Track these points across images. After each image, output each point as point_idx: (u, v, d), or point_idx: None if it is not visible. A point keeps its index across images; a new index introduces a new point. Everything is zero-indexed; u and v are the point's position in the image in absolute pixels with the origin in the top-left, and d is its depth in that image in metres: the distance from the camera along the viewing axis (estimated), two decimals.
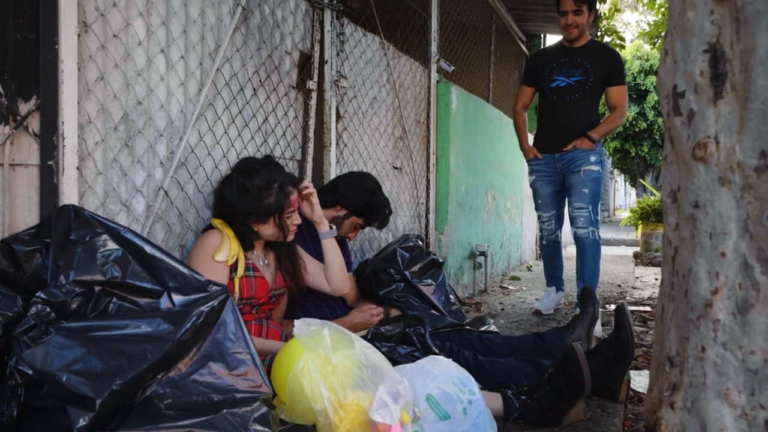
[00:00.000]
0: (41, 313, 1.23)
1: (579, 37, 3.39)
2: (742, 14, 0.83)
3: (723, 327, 0.92)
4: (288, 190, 1.93)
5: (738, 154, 0.86)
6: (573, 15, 3.32)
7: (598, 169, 3.39)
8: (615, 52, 3.48)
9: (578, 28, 3.36)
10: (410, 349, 2.04)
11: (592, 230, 3.38)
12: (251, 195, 1.87)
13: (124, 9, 1.72)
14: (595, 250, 3.41)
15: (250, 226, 1.91)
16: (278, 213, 1.91)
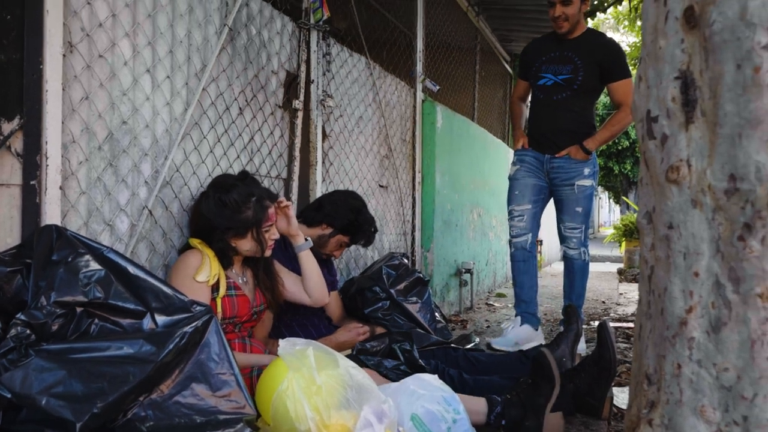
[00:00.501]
0: (21, 335, 1.22)
1: (573, 29, 3.02)
2: (709, 43, 0.87)
3: (698, 345, 0.94)
4: (265, 204, 1.94)
5: (709, 177, 0.89)
6: (561, 6, 2.95)
7: (592, 184, 3.08)
8: (611, 43, 3.06)
9: (568, 20, 2.97)
10: (396, 362, 2.05)
11: (583, 251, 3.13)
12: (229, 209, 1.88)
13: (110, 29, 1.74)
14: (585, 271, 3.19)
15: (228, 241, 1.90)
16: (256, 227, 1.91)
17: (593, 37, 3.07)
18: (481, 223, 5.21)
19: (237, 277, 1.98)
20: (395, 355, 2.09)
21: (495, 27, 5.97)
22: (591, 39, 3.05)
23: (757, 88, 0.81)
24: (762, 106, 0.81)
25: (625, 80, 3.00)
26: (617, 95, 3.03)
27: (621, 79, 3.00)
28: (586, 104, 3.09)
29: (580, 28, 3.06)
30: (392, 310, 2.73)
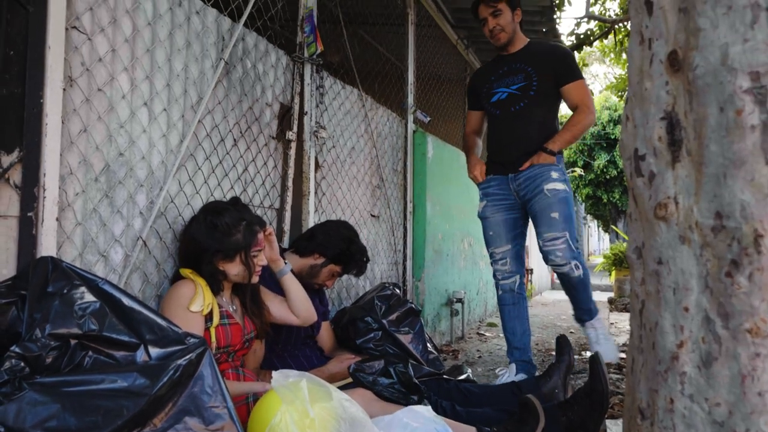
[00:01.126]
0: (15, 368, 1.21)
1: (512, 41, 2.94)
2: (693, 86, 0.91)
3: (689, 379, 0.96)
4: (255, 228, 1.97)
5: (696, 215, 0.92)
6: (493, 18, 2.89)
7: (564, 187, 2.79)
8: (559, 47, 3.01)
9: (504, 30, 2.90)
10: (391, 381, 2.05)
11: (574, 264, 2.75)
12: (219, 232, 1.90)
13: (109, 64, 1.77)
14: (584, 284, 2.85)
15: (216, 265, 1.91)
16: (245, 250, 1.93)
17: (539, 45, 3.01)
18: (472, 252, 5.23)
19: (228, 305, 1.98)
20: (390, 375, 2.09)
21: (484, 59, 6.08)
22: (537, 47, 2.98)
23: (739, 130, 0.85)
24: (745, 147, 0.85)
25: (578, 82, 2.86)
26: (572, 97, 2.87)
27: (573, 81, 2.86)
28: (546, 112, 2.90)
29: (522, 40, 2.98)
30: (384, 341, 2.72)
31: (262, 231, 2.04)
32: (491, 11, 2.89)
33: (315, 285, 2.50)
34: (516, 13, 2.95)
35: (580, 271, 2.79)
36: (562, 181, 2.80)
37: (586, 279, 2.85)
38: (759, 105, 0.83)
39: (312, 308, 2.24)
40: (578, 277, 2.79)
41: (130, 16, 1.84)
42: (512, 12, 2.92)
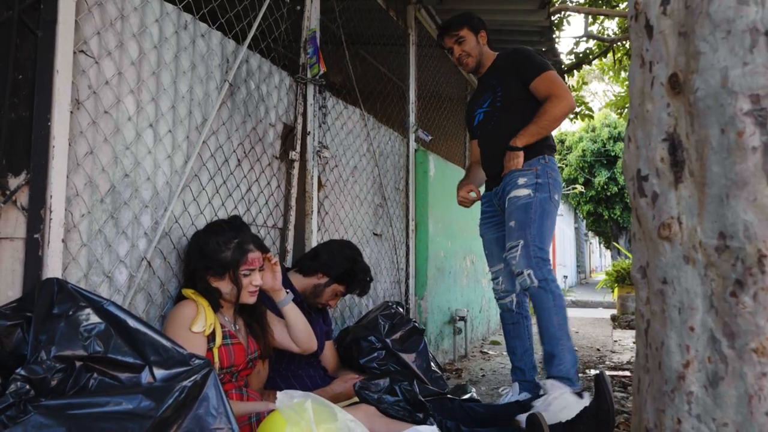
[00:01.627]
0: (20, 390, 1.21)
1: (481, 63, 2.90)
2: (694, 108, 0.92)
3: (696, 399, 0.95)
4: (247, 248, 1.97)
5: (699, 235, 0.93)
6: (458, 47, 2.86)
7: (528, 193, 2.57)
8: (518, 49, 2.84)
9: (471, 56, 2.87)
10: (397, 398, 2.05)
11: (529, 273, 2.47)
12: (209, 249, 1.93)
13: (115, 87, 1.79)
14: (543, 300, 2.46)
15: (207, 281, 1.93)
16: (233, 268, 1.94)
17: (502, 55, 2.89)
18: (474, 270, 5.23)
19: (230, 325, 1.98)
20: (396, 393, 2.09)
21: None
22: (501, 58, 2.88)
23: (741, 151, 0.86)
24: (747, 168, 0.86)
25: (542, 75, 2.67)
26: (540, 91, 2.67)
27: (537, 75, 2.68)
28: (521, 117, 2.68)
29: (490, 57, 2.92)
30: (388, 360, 2.71)
31: (263, 256, 2.05)
32: (454, 40, 2.87)
33: (318, 304, 2.50)
34: (480, 35, 2.90)
35: (539, 281, 2.46)
36: (529, 186, 2.59)
37: (544, 295, 2.45)
38: (760, 127, 0.84)
39: (313, 338, 2.24)
40: (537, 287, 2.46)
41: (137, 40, 1.87)
42: (476, 35, 2.88)
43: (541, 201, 2.58)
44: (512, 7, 4.21)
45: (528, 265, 2.49)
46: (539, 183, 2.60)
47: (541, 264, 2.49)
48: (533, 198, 2.58)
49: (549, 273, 2.49)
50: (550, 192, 2.61)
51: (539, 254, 2.50)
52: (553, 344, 2.43)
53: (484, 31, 2.92)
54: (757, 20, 0.87)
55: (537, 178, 2.61)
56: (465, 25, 2.86)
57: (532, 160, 2.65)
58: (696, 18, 0.92)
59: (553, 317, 2.44)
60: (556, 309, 2.45)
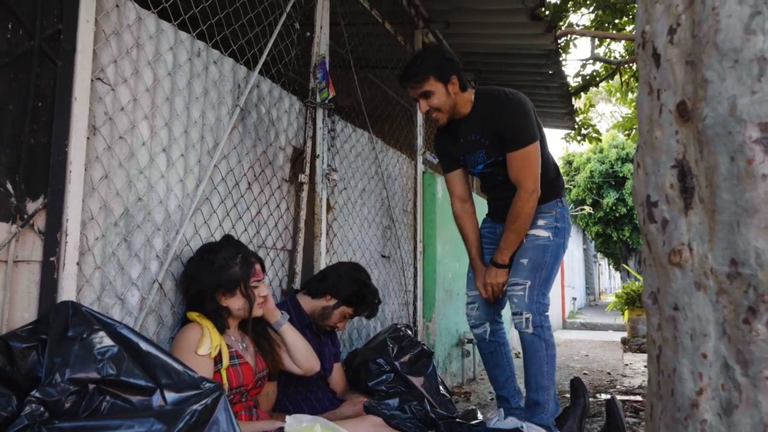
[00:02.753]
0: (35, 413, 1.22)
1: (457, 112, 2.47)
2: (703, 136, 0.93)
3: (710, 427, 0.95)
4: (251, 260, 2.01)
5: (711, 261, 0.93)
6: (424, 100, 2.41)
7: (548, 236, 2.46)
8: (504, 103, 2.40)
9: (441, 110, 2.42)
10: (408, 416, 2.04)
11: (527, 318, 2.35)
12: (217, 266, 1.94)
13: (130, 112, 1.83)
14: (537, 348, 2.36)
15: (219, 301, 1.94)
16: (244, 282, 1.96)
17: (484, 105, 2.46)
18: None
19: (237, 344, 1.99)
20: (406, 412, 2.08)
21: None
22: (483, 109, 2.45)
23: (751, 179, 0.87)
24: (757, 195, 0.87)
25: (519, 151, 2.35)
26: (511, 169, 2.40)
27: (514, 150, 2.36)
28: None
29: (467, 103, 2.47)
30: (396, 383, 2.70)
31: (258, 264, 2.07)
32: (418, 93, 2.41)
33: (327, 327, 2.50)
34: (450, 82, 2.39)
35: (536, 328, 2.35)
36: (549, 228, 2.48)
37: (538, 344, 2.36)
38: None
39: (313, 356, 2.22)
40: (532, 334, 2.36)
41: (152, 67, 1.91)
42: (445, 84, 2.38)
43: (557, 246, 2.49)
44: (519, 32, 4.27)
45: (529, 308, 2.37)
46: (558, 228, 2.50)
47: (541, 309, 2.39)
48: (552, 242, 2.47)
49: (546, 320, 2.40)
50: (564, 238, 2.54)
51: (542, 300, 2.40)
52: (540, 394, 2.36)
53: (454, 76, 2.40)
54: (764, 49, 0.89)
55: (556, 222, 2.50)
56: (429, 75, 2.36)
57: (551, 202, 2.51)
58: (703, 47, 0.94)
59: (543, 366, 2.36)
60: (547, 358, 2.37)
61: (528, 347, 2.38)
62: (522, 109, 2.40)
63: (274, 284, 2.64)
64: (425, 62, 2.37)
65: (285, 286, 2.74)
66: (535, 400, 2.34)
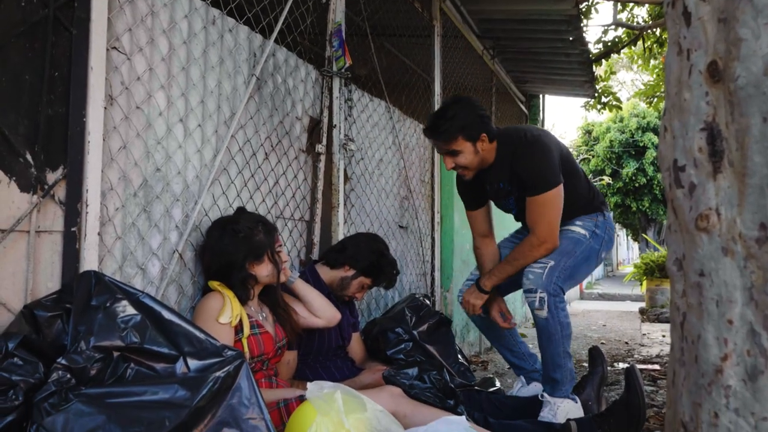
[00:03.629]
0: (62, 379, 1.25)
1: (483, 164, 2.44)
2: (734, 97, 0.90)
3: (734, 393, 0.94)
4: (270, 227, 2.04)
5: (739, 226, 0.91)
6: (450, 158, 2.39)
7: (584, 233, 2.43)
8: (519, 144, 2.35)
9: (468, 169, 2.41)
10: (427, 385, 2.07)
11: (541, 297, 2.24)
12: (243, 235, 1.96)
13: (147, 82, 1.82)
14: (551, 333, 2.28)
15: (249, 270, 1.97)
16: (270, 247, 2.00)
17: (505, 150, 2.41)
18: None
19: (257, 315, 2.01)
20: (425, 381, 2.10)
21: (510, 69, 6.08)
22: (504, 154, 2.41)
23: None
24: None
25: (537, 197, 2.30)
26: (528, 214, 2.37)
27: (532, 195, 2.32)
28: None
29: (493, 152, 2.42)
30: (415, 352, 2.72)
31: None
32: (445, 151, 2.40)
33: (345, 297, 2.51)
34: (480, 139, 2.35)
35: (544, 311, 2.25)
36: (587, 229, 2.44)
37: (552, 326, 2.27)
38: None
39: (331, 306, 2.27)
40: (543, 319, 2.28)
41: (167, 36, 1.89)
42: (474, 143, 2.35)
43: (590, 247, 2.42)
44: None
45: (545, 288, 2.25)
46: (596, 233, 2.45)
47: (557, 291, 2.27)
48: (587, 240, 2.41)
49: (561, 302, 2.29)
50: (601, 246, 2.47)
51: (561, 284, 2.28)
52: (558, 372, 2.30)
53: (484, 134, 2.35)
54: None
55: (596, 227, 2.45)
56: (459, 135, 2.32)
57: (592, 213, 2.48)
58: (737, 4, 0.90)
59: (560, 348, 2.29)
60: (563, 339, 2.29)
61: (543, 332, 2.30)
62: (541, 153, 2.33)
63: (292, 255, 2.66)
64: (455, 120, 2.32)
65: (303, 256, 2.75)
66: (553, 378, 2.30)
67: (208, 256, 2.00)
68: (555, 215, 2.32)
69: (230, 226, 1.98)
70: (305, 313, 2.22)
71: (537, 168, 2.31)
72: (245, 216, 2.04)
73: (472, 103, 2.41)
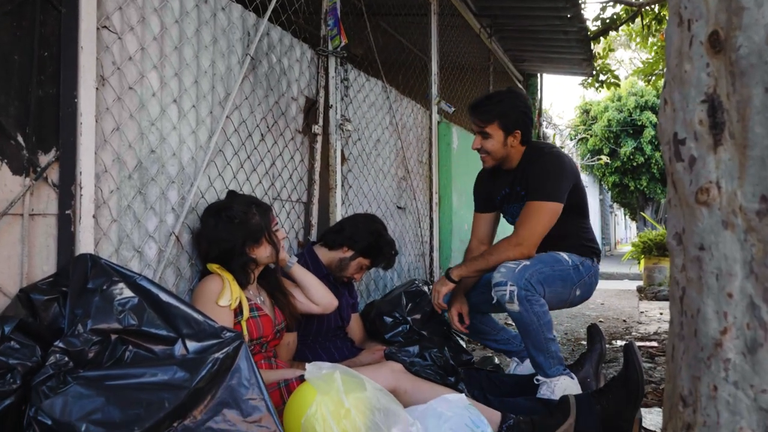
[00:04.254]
0: (59, 362, 1.24)
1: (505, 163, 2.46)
2: (736, 67, 0.88)
3: (734, 366, 0.94)
4: (264, 207, 2.02)
5: (740, 199, 0.90)
6: (479, 138, 2.41)
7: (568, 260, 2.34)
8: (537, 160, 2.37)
9: (490, 155, 2.42)
10: (428, 363, 2.07)
11: (511, 290, 2.14)
12: (239, 221, 1.93)
13: (139, 62, 1.79)
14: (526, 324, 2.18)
15: (248, 254, 1.96)
16: (267, 228, 1.98)
17: (528, 159, 2.43)
18: None
19: (256, 298, 2.01)
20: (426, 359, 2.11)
21: (507, 48, 6.02)
22: (526, 162, 2.43)
23: None
24: None
25: (533, 202, 2.29)
26: (519, 217, 2.36)
27: (530, 199, 2.32)
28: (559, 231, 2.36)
29: (518, 154, 2.44)
30: (412, 335, 2.72)
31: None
32: (479, 129, 2.41)
33: (344, 278, 2.51)
34: (513, 134, 2.38)
35: (516, 305, 2.15)
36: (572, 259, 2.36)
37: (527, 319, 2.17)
38: None
39: (329, 294, 2.26)
40: (517, 312, 2.17)
41: (158, 14, 1.86)
42: (506, 135, 2.37)
43: (569, 273, 2.32)
44: None
45: (516, 281, 2.15)
46: (579, 269, 2.37)
47: (528, 287, 2.16)
48: (568, 265, 2.33)
49: (533, 296, 2.17)
50: (578, 283, 2.37)
51: (533, 283, 2.17)
52: (542, 357, 2.23)
53: (519, 132, 2.38)
54: None
55: (581, 265, 2.38)
56: (496, 120, 2.36)
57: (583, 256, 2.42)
58: None
59: (540, 336, 2.20)
60: (542, 327, 2.20)
61: (518, 324, 2.22)
62: (554, 166, 2.35)
63: (290, 236, 2.65)
64: (498, 106, 2.37)
65: (301, 238, 2.74)
66: (539, 363, 2.24)
67: (205, 244, 1.98)
68: (541, 226, 2.29)
69: (224, 212, 1.95)
70: (303, 298, 2.21)
71: (544, 175, 2.33)
72: (238, 200, 2.01)
73: (521, 100, 2.45)
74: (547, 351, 2.22)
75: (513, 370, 2.70)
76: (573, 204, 2.40)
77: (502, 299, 2.18)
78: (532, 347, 2.23)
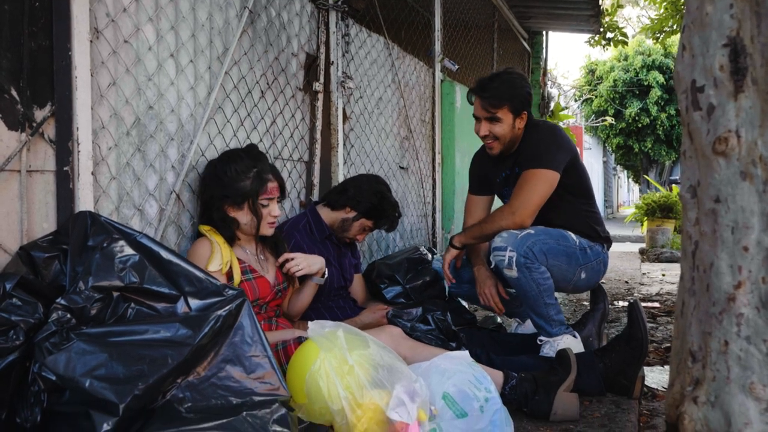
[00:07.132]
0: (62, 319, 1.23)
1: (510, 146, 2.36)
2: (762, 8, 0.84)
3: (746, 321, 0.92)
4: (266, 177, 1.94)
5: (760, 148, 0.86)
6: (487, 123, 2.30)
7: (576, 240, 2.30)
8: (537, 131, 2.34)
9: (499, 140, 2.32)
10: (430, 327, 2.07)
11: (510, 256, 2.11)
12: (228, 177, 1.88)
13: (134, 14, 1.73)
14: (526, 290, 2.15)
15: (225, 211, 1.90)
16: (252, 198, 1.90)
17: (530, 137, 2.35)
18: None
19: (253, 259, 1.98)
20: (429, 322, 2.11)
21: (513, 4, 5.86)
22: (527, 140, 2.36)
23: None
24: None
25: (528, 171, 2.24)
26: (515, 187, 2.29)
27: (526, 168, 2.26)
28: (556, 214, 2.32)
29: (519, 137, 2.37)
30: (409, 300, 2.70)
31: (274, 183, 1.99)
32: (488, 115, 2.30)
33: (347, 238, 2.49)
34: (521, 116, 2.31)
35: (514, 271, 2.12)
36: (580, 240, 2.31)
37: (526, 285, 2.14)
38: None
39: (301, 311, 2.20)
40: (515, 278, 2.14)
41: None
42: (515, 117, 2.30)
43: (575, 252, 2.27)
44: None
45: (516, 247, 2.11)
46: (587, 252, 2.31)
47: (529, 255, 2.12)
48: (575, 245, 2.27)
49: (533, 264, 2.13)
50: (586, 266, 2.31)
51: (534, 251, 2.13)
52: (542, 320, 2.21)
53: (526, 112, 2.32)
54: None
55: (589, 248, 2.33)
56: (506, 104, 2.27)
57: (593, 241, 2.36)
58: None
59: (540, 301, 2.18)
60: (542, 293, 2.17)
61: (517, 290, 2.21)
62: (550, 137, 2.31)
63: (292, 196, 2.62)
64: (508, 87, 2.29)
65: (303, 198, 2.72)
66: (540, 326, 2.23)
67: (200, 186, 1.97)
68: (537, 195, 2.23)
69: (222, 164, 1.91)
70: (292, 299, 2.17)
71: (538, 144, 2.29)
72: (247, 157, 1.94)
73: (524, 79, 2.40)
74: (546, 316, 2.20)
75: (515, 329, 2.70)
76: (575, 184, 2.36)
77: (501, 264, 2.15)
78: (532, 312, 2.22)
